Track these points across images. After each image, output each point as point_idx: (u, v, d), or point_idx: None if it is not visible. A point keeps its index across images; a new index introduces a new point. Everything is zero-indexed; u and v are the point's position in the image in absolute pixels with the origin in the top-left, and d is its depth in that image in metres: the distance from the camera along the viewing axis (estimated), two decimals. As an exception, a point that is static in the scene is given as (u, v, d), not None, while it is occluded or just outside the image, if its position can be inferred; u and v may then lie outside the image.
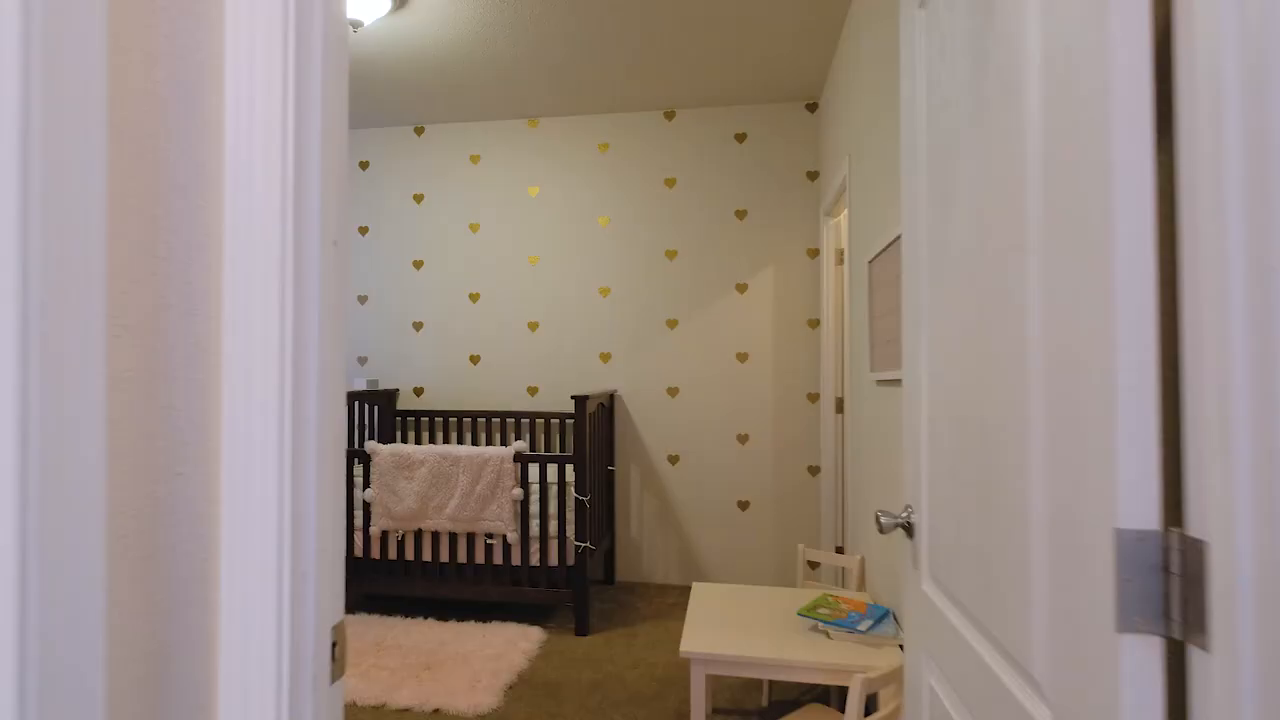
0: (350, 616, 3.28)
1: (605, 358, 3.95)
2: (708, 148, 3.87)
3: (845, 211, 3.46)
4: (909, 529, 1.22)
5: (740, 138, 3.84)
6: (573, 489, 3.19)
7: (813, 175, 3.78)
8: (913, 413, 1.21)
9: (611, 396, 3.85)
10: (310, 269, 0.69)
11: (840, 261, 3.55)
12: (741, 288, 3.84)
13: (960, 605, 0.97)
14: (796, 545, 3.76)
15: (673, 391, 3.89)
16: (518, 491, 3.15)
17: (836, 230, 3.55)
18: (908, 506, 1.23)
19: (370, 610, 3.40)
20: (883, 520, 1.22)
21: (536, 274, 4.02)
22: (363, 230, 4.19)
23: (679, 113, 3.89)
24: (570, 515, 3.20)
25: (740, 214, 3.85)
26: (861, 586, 2.48)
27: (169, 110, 0.65)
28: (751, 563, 3.81)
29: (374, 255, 4.17)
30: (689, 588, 3.82)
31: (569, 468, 3.41)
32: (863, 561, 2.51)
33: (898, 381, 2.04)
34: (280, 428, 0.67)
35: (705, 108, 3.87)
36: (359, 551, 3.34)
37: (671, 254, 3.90)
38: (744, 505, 3.82)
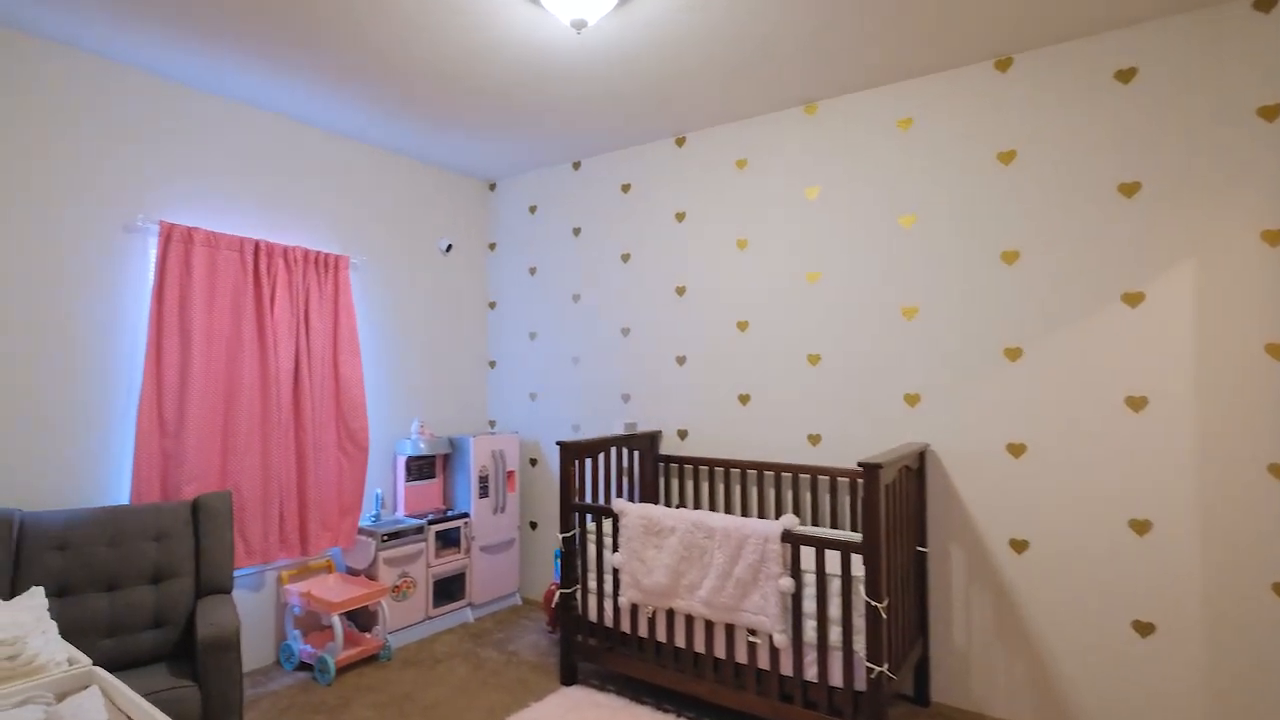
0: (600, 695, 2.88)
1: (912, 400, 2.98)
2: (1066, 99, 2.68)
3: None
4: None
5: (1124, 75, 2.57)
6: (863, 586, 2.33)
7: (1270, 112, 2.34)
8: None
9: (921, 455, 2.86)
10: None
11: (1341, 244, 2.08)
12: (1133, 298, 2.54)
13: None
14: None
15: (1016, 450, 2.74)
16: (787, 581, 2.40)
17: (1330, 192, 2.09)
18: None
19: (620, 691, 2.96)
20: None
21: (817, 294, 3.23)
22: (624, 257, 3.88)
23: (1017, 59, 2.78)
24: (860, 622, 2.34)
25: (1127, 188, 2.57)
26: None
27: None
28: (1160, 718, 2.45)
29: (635, 283, 3.83)
30: (1048, 739, 2.61)
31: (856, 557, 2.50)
32: None
33: None
34: None
35: (1060, 44, 2.69)
36: (609, 622, 2.92)
37: (1010, 256, 2.78)
38: (1145, 629, 2.49)
